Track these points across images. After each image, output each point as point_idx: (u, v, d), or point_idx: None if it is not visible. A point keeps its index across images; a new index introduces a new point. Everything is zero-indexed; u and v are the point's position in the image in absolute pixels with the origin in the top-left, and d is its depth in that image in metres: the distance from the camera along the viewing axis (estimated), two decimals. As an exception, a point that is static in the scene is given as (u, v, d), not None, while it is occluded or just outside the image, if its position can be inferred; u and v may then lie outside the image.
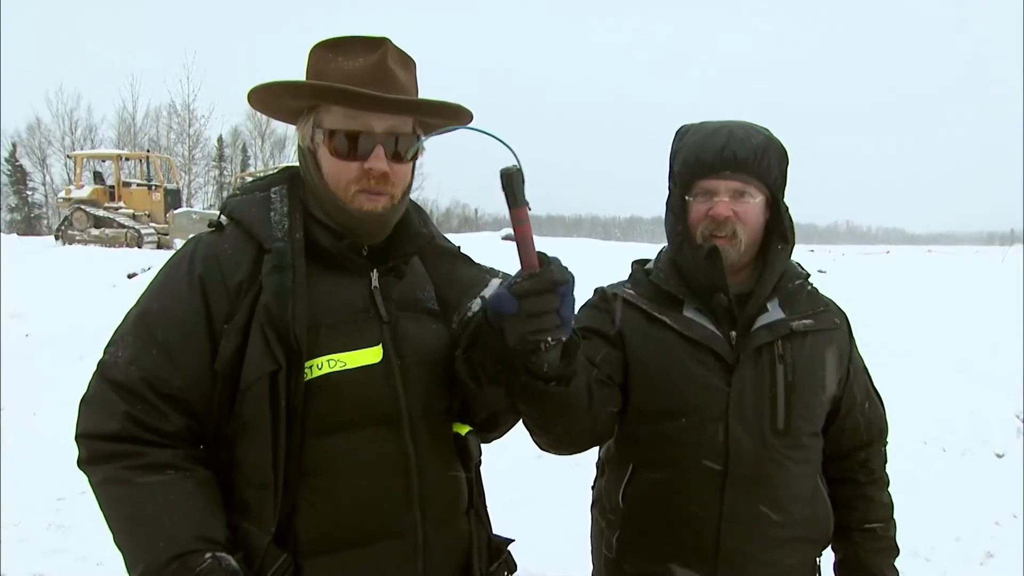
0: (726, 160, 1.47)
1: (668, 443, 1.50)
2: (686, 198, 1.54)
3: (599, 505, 1.69)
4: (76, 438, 1.18)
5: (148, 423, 1.14)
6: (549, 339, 1.09)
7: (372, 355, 1.23)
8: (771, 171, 1.50)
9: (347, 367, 1.20)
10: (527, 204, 1.05)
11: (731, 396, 1.47)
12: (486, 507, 1.43)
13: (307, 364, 1.17)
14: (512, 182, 1.04)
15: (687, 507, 1.49)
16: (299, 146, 1.29)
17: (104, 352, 1.21)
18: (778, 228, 1.54)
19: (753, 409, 1.47)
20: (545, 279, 1.06)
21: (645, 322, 1.55)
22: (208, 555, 1.08)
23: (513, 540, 1.44)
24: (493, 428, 1.39)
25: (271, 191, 1.28)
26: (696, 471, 1.48)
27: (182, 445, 1.17)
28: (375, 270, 1.29)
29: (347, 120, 1.21)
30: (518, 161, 1.04)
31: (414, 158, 1.27)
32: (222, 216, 1.29)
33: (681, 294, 1.55)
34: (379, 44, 1.22)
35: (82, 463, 1.18)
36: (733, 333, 1.51)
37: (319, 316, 1.20)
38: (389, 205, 1.25)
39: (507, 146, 1.04)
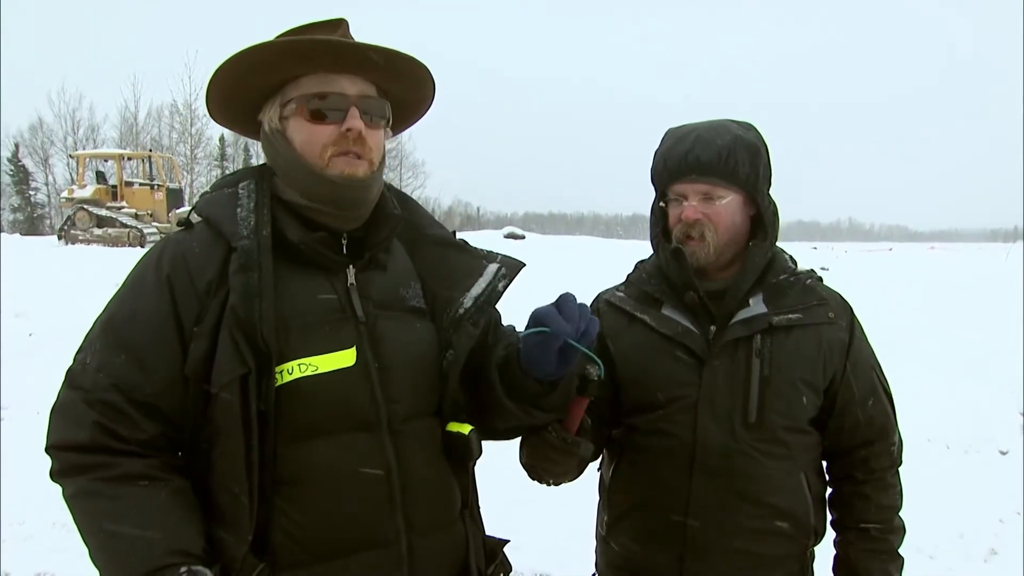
0: (690, 165, 1.52)
1: (648, 431, 1.58)
2: (661, 204, 1.61)
3: (600, 485, 1.75)
4: (46, 450, 1.13)
5: (119, 432, 1.09)
6: (550, 481, 1.39)
7: (345, 358, 1.16)
8: (739, 170, 1.51)
9: (319, 371, 1.13)
10: (593, 397, 1.28)
11: (701, 389, 1.52)
12: (479, 507, 1.38)
13: (278, 368, 1.11)
14: (597, 386, 1.27)
15: (658, 492, 1.56)
16: (265, 135, 1.25)
17: (73, 360, 1.16)
18: (760, 224, 1.57)
19: (724, 402, 1.51)
20: (571, 450, 1.29)
21: (627, 323, 1.64)
22: (183, 569, 1.04)
23: (508, 541, 1.40)
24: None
25: (239, 187, 1.23)
26: (668, 458, 1.54)
27: (156, 453, 1.12)
28: (351, 266, 1.22)
29: (319, 85, 1.18)
30: (601, 370, 1.25)
31: (385, 125, 1.25)
32: (192, 215, 1.24)
33: (660, 293, 1.61)
34: (337, 24, 1.20)
35: (54, 475, 1.12)
36: (713, 328, 1.55)
37: (289, 317, 1.14)
38: (369, 172, 1.21)
39: (596, 362, 1.24)
